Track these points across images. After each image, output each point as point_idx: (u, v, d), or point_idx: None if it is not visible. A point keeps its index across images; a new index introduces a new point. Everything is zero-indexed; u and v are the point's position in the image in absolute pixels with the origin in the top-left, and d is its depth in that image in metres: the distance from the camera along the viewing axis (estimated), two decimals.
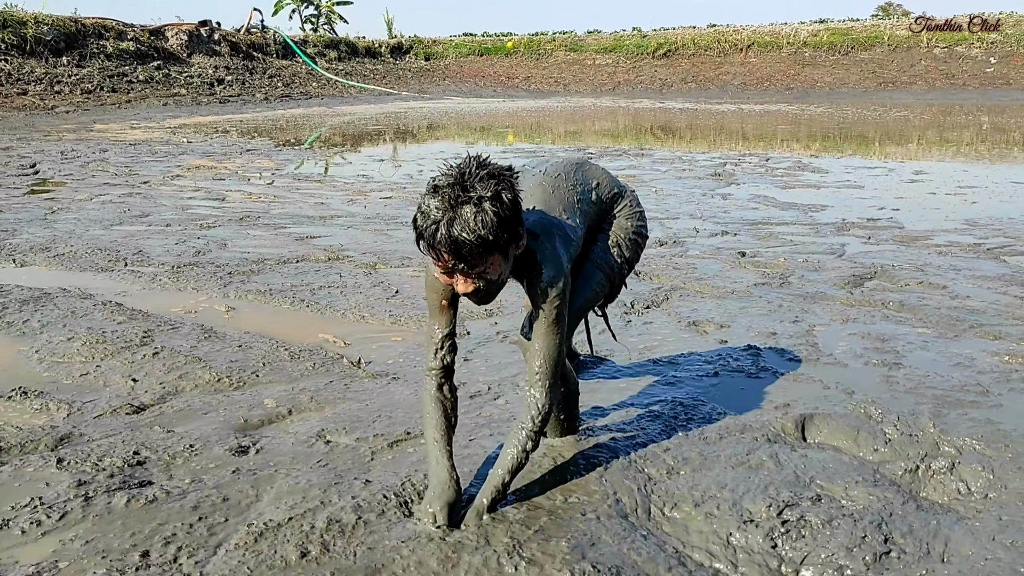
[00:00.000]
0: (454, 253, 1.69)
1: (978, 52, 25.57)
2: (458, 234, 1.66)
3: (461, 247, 1.68)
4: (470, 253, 1.70)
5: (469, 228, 1.67)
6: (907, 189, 7.34)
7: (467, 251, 1.69)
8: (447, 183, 1.70)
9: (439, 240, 1.67)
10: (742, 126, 16.08)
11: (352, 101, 23.67)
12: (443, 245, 1.68)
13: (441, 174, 1.73)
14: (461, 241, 1.67)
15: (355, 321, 3.50)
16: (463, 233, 1.67)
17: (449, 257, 1.70)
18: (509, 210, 1.71)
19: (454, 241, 1.67)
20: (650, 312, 3.66)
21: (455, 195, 1.68)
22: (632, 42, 31.42)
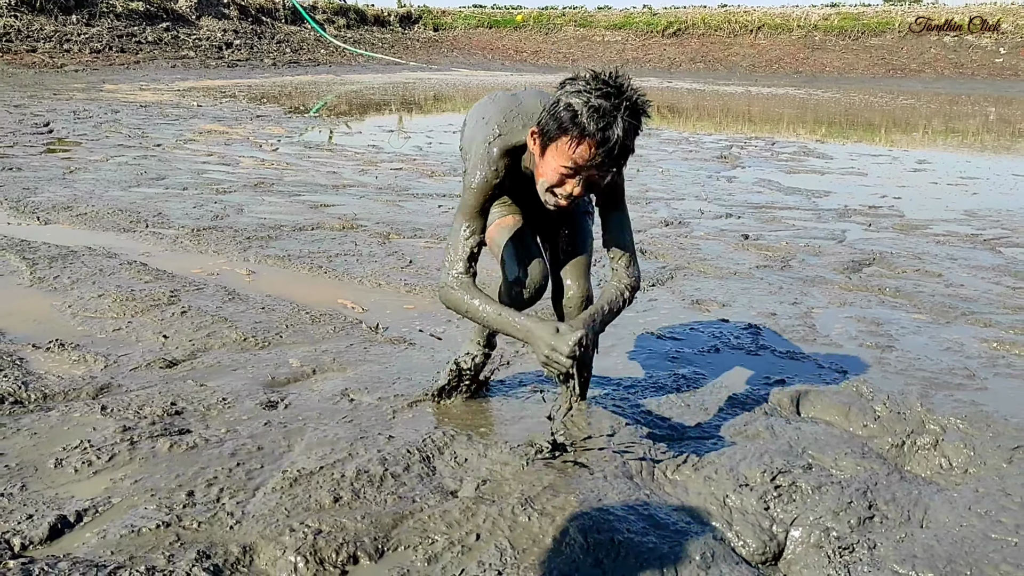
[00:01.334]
0: (610, 156, 1.79)
1: (988, 42, 25.51)
2: (627, 141, 1.79)
3: (623, 153, 1.81)
4: (619, 161, 1.83)
5: (633, 139, 1.81)
6: (910, 178, 7.46)
7: (621, 158, 1.82)
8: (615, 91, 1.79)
9: (615, 133, 1.76)
10: (749, 109, 16.14)
11: (360, 70, 23.65)
12: (608, 147, 1.77)
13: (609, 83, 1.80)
14: (625, 148, 1.80)
15: (372, 288, 3.63)
16: (628, 142, 1.80)
17: (602, 159, 1.80)
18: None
19: (623, 148, 1.79)
20: (655, 290, 3.79)
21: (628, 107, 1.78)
22: (642, 19, 31.32)
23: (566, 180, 1.86)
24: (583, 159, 1.81)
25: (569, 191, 1.88)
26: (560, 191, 1.89)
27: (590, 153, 1.79)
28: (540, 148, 1.89)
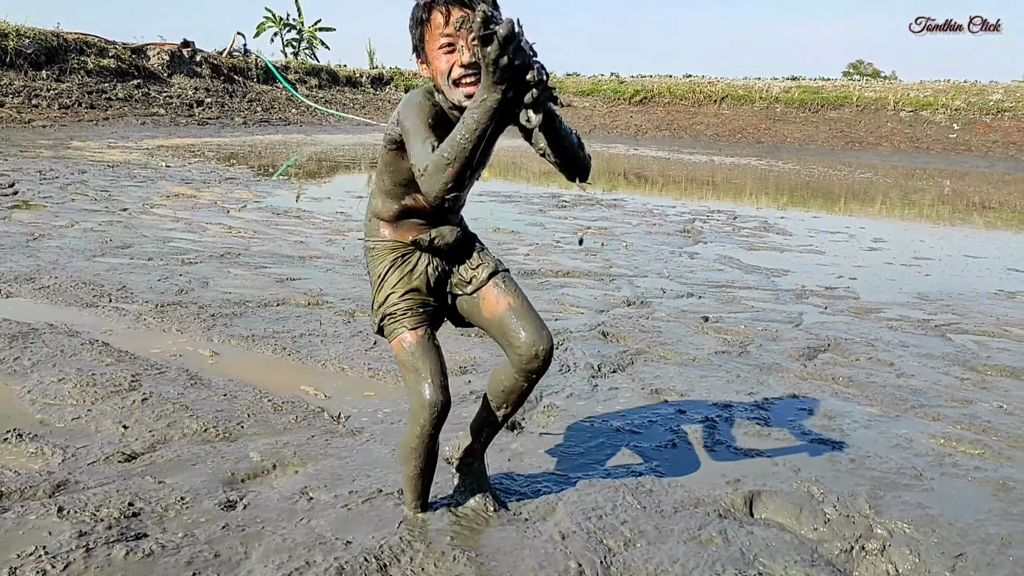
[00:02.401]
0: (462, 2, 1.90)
1: (942, 118, 26.46)
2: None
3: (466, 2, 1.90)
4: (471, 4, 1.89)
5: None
6: (866, 257, 7.67)
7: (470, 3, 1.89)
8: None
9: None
10: (712, 178, 16.52)
11: (331, 129, 23.86)
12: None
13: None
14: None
15: (335, 373, 3.66)
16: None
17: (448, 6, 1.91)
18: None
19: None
20: (616, 376, 3.86)
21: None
22: (610, 87, 32.06)
23: (452, 57, 1.95)
24: (442, 25, 1.93)
25: (460, 61, 1.94)
26: (455, 72, 1.95)
27: (443, 13, 1.92)
28: (424, 58, 2.02)
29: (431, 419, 2.12)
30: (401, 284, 2.23)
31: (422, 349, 2.18)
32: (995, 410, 3.63)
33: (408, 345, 2.18)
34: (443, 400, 2.12)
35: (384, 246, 2.27)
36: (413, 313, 2.22)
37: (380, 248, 2.28)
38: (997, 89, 27.17)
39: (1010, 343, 4.84)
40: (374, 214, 2.28)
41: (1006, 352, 4.63)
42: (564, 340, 4.38)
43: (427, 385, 2.12)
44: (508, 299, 2.19)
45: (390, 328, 2.23)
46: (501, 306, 2.18)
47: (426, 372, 2.14)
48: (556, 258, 6.87)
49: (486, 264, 2.26)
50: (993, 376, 4.17)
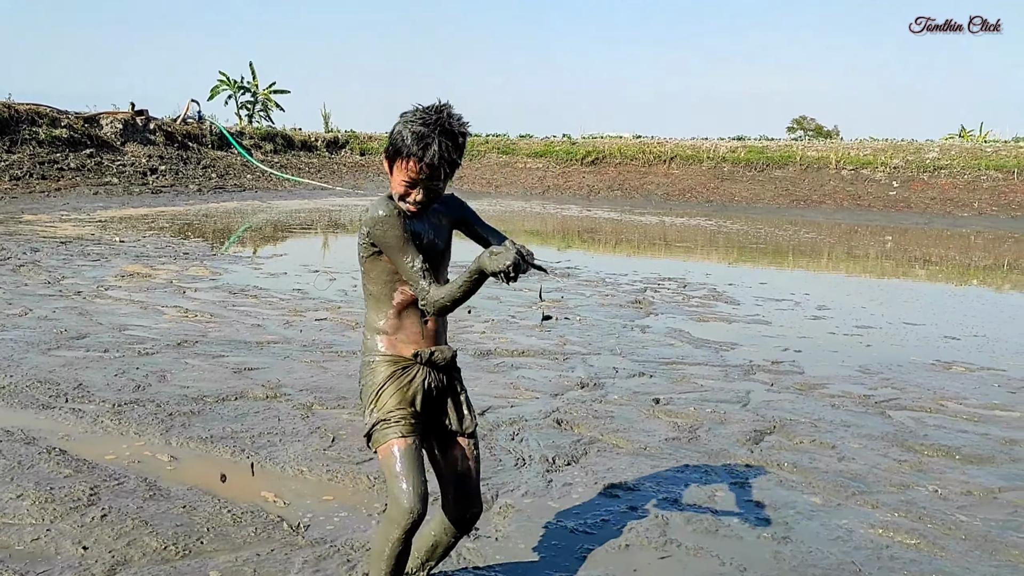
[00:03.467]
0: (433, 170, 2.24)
1: (882, 176, 27.42)
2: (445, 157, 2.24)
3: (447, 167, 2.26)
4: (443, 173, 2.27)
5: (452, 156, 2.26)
6: (810, 327, 7.93)
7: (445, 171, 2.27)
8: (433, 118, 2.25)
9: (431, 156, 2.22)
10: (664, 237, 16.90)
11: (286, 195, 23.94)
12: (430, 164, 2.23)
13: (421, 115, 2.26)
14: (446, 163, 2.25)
15: (294, 476, 3.71)
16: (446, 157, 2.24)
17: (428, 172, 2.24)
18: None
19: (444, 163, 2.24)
20: (570, 469, 3.97)
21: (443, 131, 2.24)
22: (562, 148, 32.68)
23: (409, 191, 2.30)
24: (415, 173, 2.26)
25: (415, 198, 2.31)
26: (408, 199, 2.31)
27: (418, 168, 2.25)
28: (388, 167, 2.34)
29: (407, 526, 2.26)
30: (398, 394, 2.39)
31: (409, 458, 2.31)
32: (930, 495, 3.81)
33: (397, 451, 2.32)
34: (422, 510, 2.26)
35: (383, 360, 2.43)
36: (406, 423, 2.37)
37: (379, 362, 2.44)
38: (933, 147, 28.30)
39: (945, 419, 5.06)
40: (371, 329, 2.46)
41: (941, 430, 4.84)
42: (520, 430, 4.49)
43: (410, 493, 2.26)
44: (470, 463, 2.53)
45: (381, 433, 2.37)
46: (468, 462, 2.52)
47: (410, 481, 2.27)
48: (512, 336, 7.00)
49: (469, 422, 2.55)
50: (929, 457, 4.36)
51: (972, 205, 25.30)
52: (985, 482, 4.02)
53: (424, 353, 2.41)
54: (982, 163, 26.71)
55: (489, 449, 4.16)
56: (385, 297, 2.41)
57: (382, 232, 2.29)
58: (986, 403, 5.47)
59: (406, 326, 2.42)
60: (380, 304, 2.43)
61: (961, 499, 3.79)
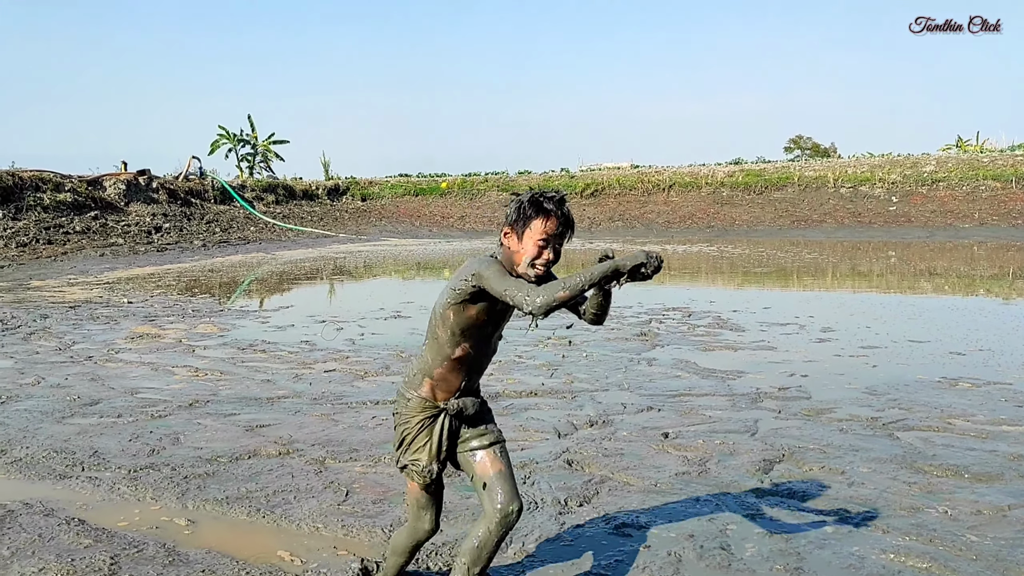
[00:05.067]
0: (568, 224, 2.62)
1: (881, 192, 27.57)
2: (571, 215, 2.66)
3: (573, 223, 2.66)
4: (572, 227, 2.65)
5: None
6: (815, 351, 7.98)
7: (573, 226, 2.66)
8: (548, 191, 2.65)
9: (565, 210, 2.61)
10: (667, 267, 16.97)
11: (290, 245, 24.15)
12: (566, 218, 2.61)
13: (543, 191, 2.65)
14: (573, 219, 2.67)
15: (309, 533, 3.76)
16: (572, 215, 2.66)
17: (562, 225, 2.60)
18: None
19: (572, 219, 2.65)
20: (582, 510, 4.01)
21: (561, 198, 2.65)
22: (561, 182, 32.97)
23: (543, 251, 2.60)
24: (551, 230, 2.59)
25: (546, 258, 2.61)
26: (539, 260, 2.61)
27: (555, 225, 2.59)
28: (517, 236, 2.62)
29: (421, 540, 2.95)
30: (427, 449, 2.78)
31: (431, 498, 2.87)
32: (940, 517, 3.84)
33: (418, 495, 2.85)
34: (433, 530, 2.92)
35: (419, 403, 2.79)
36: (429, 478, 2.80)
37: (414, 404, 2.80)
38: (929, 161, 28.46)
39: (953, 438, 5.09)
40: (421, 368, 2.80)
41: (950, 449, 4.87)
42: (531, 473, 4.53)
43: (427, 521, 2.89)
44: (503, 463, 2.77)
45: (408, 475, 2.83)
46: (499, 466, 2.76)
47: (428, 512, 2.88)
48: (519, 376, 7.06)
49: (494, 434, 2.84)
50: (938, 477, 4.39)
51: (972, 216, 25.37)
52: (994, 500, 4.05)
53: (453, 407, 2.77)
54: (980, 173, 26.85)
55: None
56: (448, 346, 2.71)
57: (490, 270, 2.57)
58: (993, 419, 5.50)
59: (451, 379, 2.76)
60: (441, 350, 2.72)
61: (971, 519, 3.82)
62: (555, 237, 2.60)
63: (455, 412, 2.76)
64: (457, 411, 2.76)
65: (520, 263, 2.62)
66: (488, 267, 2.59)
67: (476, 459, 2.77)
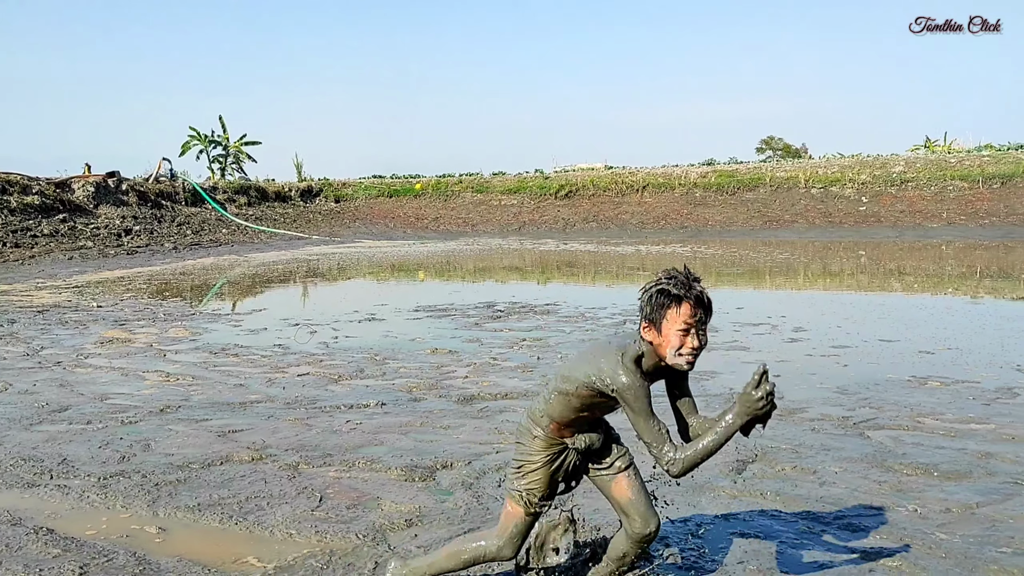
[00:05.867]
0: (705, 307, 2.59)
1: (851, 192, 27.89)
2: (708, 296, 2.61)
3: (710, 304, 2.62)
4: (711, 309, 2.62)
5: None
6: (787, 350, 8.05)
7: (711, 307, 2.62)
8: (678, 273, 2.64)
9: (697, 291, 2.58)
10: (641, 268, 17.05)
11: (263, 247, 23.97)
12: (702, 301, 2.58)
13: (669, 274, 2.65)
14: (710, 301, 2.62)
15: (282, 540, 3.72)
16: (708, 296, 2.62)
17: (697, 308, 2.56)
18: None
19: (709, 300, 2.61)
20: (554, 513, 4.00)
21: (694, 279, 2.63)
22: (535, 183, 33.00)
23: (686, 338, 2.57)
24: (690, 316, 2.56)
25: (693, 344, 2.59)
26: (685, 349, 2.59)
27: (692, 310, 2.56)
28: (656, 329, 2.61)
29: (491, 560, 2.95)
30: (546, 483, 2.87)
31: (526, 527, 2.91)
32: (910, 515, 3.88)
33: (518, 521, 2.89)
34: (512, 557, 2.93)
35: (547, 439, 2.86)
36: (537, 509, 2.88)
37: (542, 439, 2.86)
38: (898, 162, 28.83)
39: (923, 436, 5.16)
40: (548, 412, 2.83)
41: (919, 447, 4.93)
42: (505, 476, 4.52)
43: (512, 548, 2.90)
44: (635, 487, 2.92)
45: (518, 499, 2.87)
46: (630, 492, 2.90)
47: (517, 537, 2.89)
48: (495, 378, 7.06)
49: (624, 456, 2.97)
50: (908, 476, 4.45)
51: (941, 216, 25.75)
52: (963, 498, 4.10)
53: (580, 444, 2.86)
54: (947, 174, 27.25)
55: (476, 498, 4.20)
56: (576, 409, 2.77)
57: (634, 398, 2.61)
58: (962, 417, 5.58)
59: (575, 424, 2.83)
60: (569, 406, 2.77)
61: (940, 517, 3.87)
62: (696, 323, 2.58)
63: (583, 449, 2.86)
64: (585, 447, 2.86)
65: (666, 355, 2.62)
66: (637, 395, 2.60)
67: (611, 484, 2.91)
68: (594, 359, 2.70)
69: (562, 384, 2.78)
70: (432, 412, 5.94)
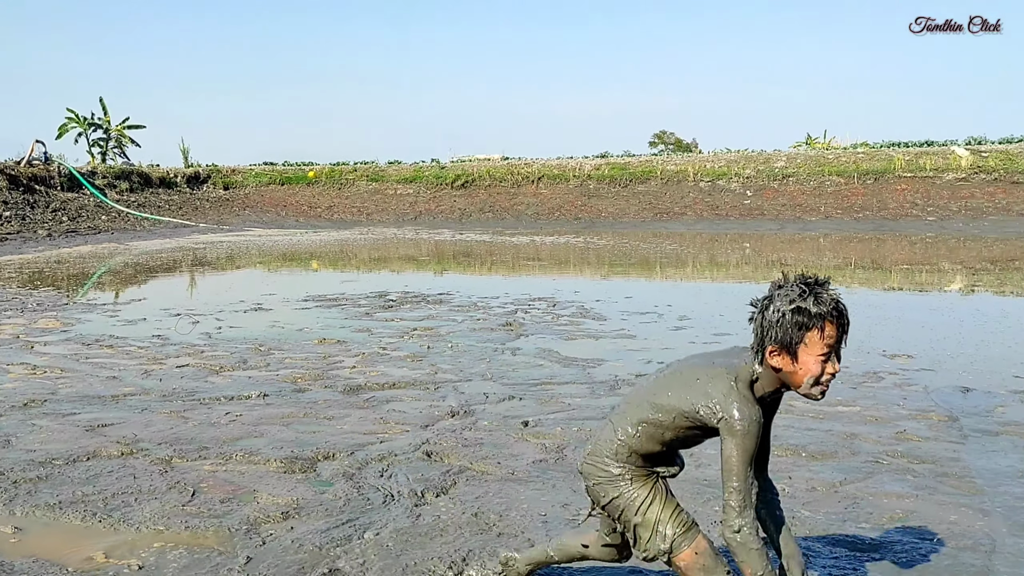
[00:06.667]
0: (846, 323, 2.25)
1: (737, 186, 28.87)
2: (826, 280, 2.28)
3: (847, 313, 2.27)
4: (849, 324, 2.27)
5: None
6: (672, 338, 8.26)
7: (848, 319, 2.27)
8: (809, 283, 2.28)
9: (840, 306, 2.24)
10: (535, 258, 17.20)
11: (146, 235, 23.02)
12: (844, 317, 2.24)
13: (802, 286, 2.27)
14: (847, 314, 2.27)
15: (150, 536, 3.57)
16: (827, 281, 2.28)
17: (843, 328, 2.25)
18: None
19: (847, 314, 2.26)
20: (439, 501, 3.99)
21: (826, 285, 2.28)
22: (431, 173, 32.83)
23: (826, 364, 2.24)
24: (832, 338, 2.22)
25: (832, 371, 2.26)
26: (825, 377, 2.26)
27: (835, 330, 2.22)
28: (790, 356, 2.25)
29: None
30: (667, 505, 2.49)
31: (712, 551, 2.46)
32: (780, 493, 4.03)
33: (702, 551, 2.44)
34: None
35: (637, 473, 2.50)
36: (687, 524, 2.48)
37: (630, 474, 2.49)
38: (781, 157, 30.02)
39: (793, 419, 5.37)
40: (631, 449, 2.48)
41: (790, 429, 5.13)
42: (389, 466, 4.48)
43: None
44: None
45: (678, 546, 2.45)
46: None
47: (720, 570, 2.43)
48: (383, 368, 6.98)
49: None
50: (780, 456, 4.61)
51: (819, 209, 26.96)
52: (828, 477, 4.30)
53: (666, 473, 2.56)
54: (825, 169, 28.54)
55: (357, 488, 4.13)
56: (666, 439, 2.46)
57: (743, 434, 2.26)
58: (830, 400, 5.83)
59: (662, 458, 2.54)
60: (658, 437, 2.46)
61: (806, 495, 4.04)
62: (837, 343, 2.25)
63: (669, 476, 2.58)
64: (672, 476, 2.59)
65: (801, 384, 2.28)
66: (749, 431, 2.24)
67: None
68: (699, 384, 2.35)
69: (652, 414, 2.42)
70: (316, 403, 5.83)
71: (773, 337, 2.26)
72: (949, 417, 5.41)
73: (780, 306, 2.25)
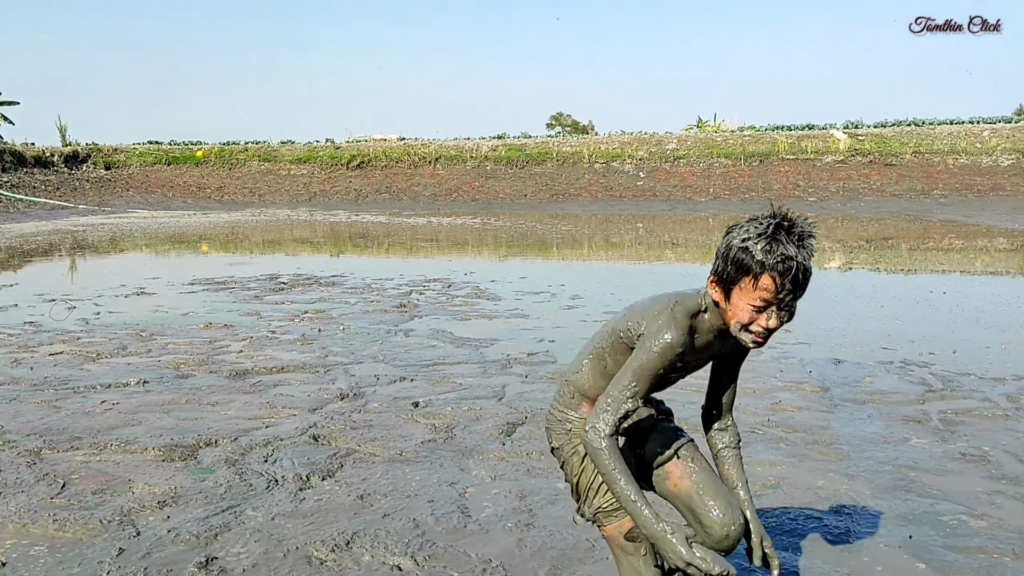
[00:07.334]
0: (795, 283, 1.99)
1: (630, 167, 29.45)
2: (805, 264, 1.98)
3: (806, 277, 2.00)
4: (804, 285, 2.02)
5: (809, 262, 2.00)
6: (564, 317, 8.38)
7: (805, 283, 2.01)
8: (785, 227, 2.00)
9: (800, 269, 1.97)
10: (433, 239, 17.12)
11: (20, 217, 21.77)
12: (791, 274, 1.96)
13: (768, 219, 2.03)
14: (806, 272, 2.00)
15: (14, 531, 3.40)
16: (806, 264, 1.99)
17: (788, 287, 1.98)
18: None
19: (803, 272, 1.98)
20: (324, 484, 3.94)
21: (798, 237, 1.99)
22: (326, 153, 32.21)
23: (758, 316, 2.04)
24: (769, 292, 1.99)
25: (764, 325, 2.05)
26: (755, 328, 2.05)
27: (775, 284, 1.98)
28: (723, 292, 2.07)
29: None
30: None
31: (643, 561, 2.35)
32: None
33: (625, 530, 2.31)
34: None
35: (581, 425, 2.31)
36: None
37: (577, 427, 2.35)
38: (672, 139, 30.77)
39: (678, 393, 5.53)
40: (579, 391, 2.35)
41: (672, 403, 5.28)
42: (274, 451, 4.39)
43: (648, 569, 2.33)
44: (693, 475, 2.34)
45: (606, 517, 2.34)
46: (686, 482, 2.33)
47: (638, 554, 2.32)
48: (272, 352, 6.82)
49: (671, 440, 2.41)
50: None
51: (708, 191, 27.80)
52: (705, 448, 4.44)
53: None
54: (714, 152, 29.43)
55: (240, 475, 4.03)
56: (608, 371, 2.28)
57: (651, 351, 2.10)
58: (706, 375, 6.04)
59: None
60: (600, 369, 2.31)
61: None
62: (777, 301, 2.01)
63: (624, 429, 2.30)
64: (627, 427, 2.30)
65: (730, 323, 2.09)
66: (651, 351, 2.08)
67: (663, 474, 2.40)
68: (641, 305, 2.24)
69: (598, 342, 2.31)
70: (200, 388, 5.65)
71: (715, 267, 2.11)
72: (821, 388, 5.68)
73: (733, 238, 2.06)
